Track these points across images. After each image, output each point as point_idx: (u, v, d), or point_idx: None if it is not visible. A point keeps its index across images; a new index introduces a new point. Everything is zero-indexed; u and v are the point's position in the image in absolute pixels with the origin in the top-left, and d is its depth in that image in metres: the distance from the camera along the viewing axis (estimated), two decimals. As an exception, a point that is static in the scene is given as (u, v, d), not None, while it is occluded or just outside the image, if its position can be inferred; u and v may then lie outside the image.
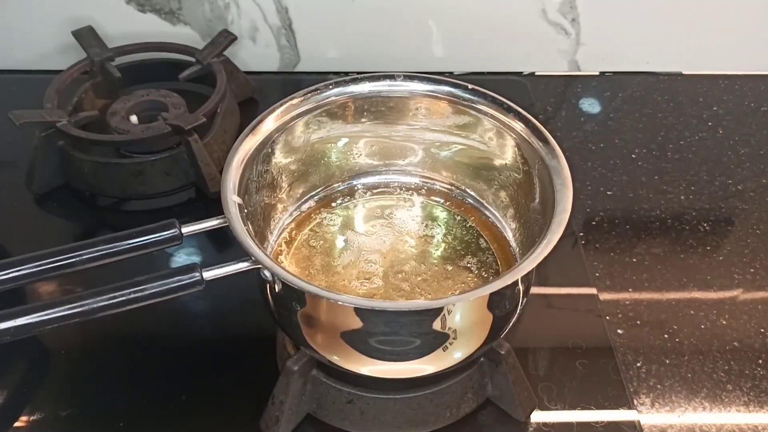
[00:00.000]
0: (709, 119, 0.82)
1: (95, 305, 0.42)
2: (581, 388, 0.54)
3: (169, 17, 0.83)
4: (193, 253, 0.65)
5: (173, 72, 0.77)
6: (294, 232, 0.60)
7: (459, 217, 0.61)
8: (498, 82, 0.83)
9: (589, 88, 0.87)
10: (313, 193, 0.62)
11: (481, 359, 0.51)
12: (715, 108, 0.83)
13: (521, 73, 0.88)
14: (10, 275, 0.44)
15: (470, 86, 0.56)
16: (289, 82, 0.88)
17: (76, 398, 0.54)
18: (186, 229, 0.48)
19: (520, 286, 0.49)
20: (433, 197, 0.62)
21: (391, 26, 0.84)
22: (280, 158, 0.57)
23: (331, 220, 0.60)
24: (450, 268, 0.57)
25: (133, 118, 0.73)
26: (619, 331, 0.59)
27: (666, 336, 0.59)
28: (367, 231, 0.59)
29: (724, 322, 0.60)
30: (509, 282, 0.43)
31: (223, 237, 0.62)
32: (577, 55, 0.87)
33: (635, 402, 0.54)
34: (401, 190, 0.63)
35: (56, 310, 0.41)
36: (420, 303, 0.50)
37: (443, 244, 0.59)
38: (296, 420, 0.51)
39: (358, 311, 0.43)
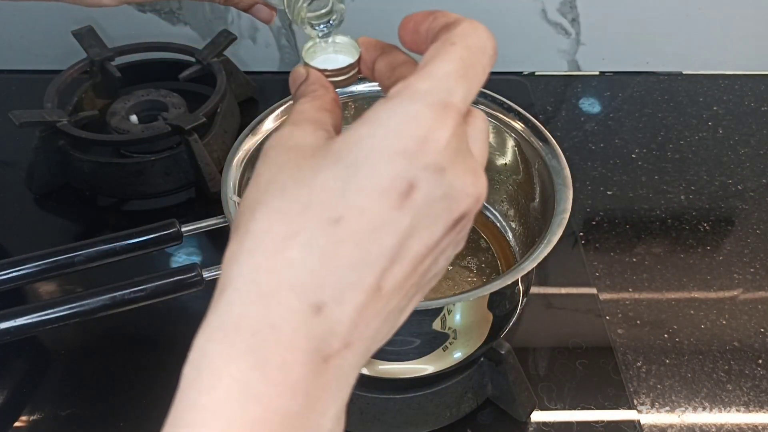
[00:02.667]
0: (709, 119, 0.82)
1: (95, 305, 0.42)
2: (581, 388, 0.54)
3: (169, 17, 0.83)
4: (193, 253, 0.65)
5: (173, 72, 0.77)
6: (294, 232, 0.60)
7: (459, 217, 0.61)
8: (498, 82, 0.83)
9: (589, 88, 0.87)
10: (313, 193, 0.62)
11: (481, 359, 0.51)
12: (715, 108, 0.83)
13: (521, 73, 0.88)
14: (10, 275, 0.45)
15: (470, 86, 0.56)
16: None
17: (76, 398, 0.54)
18: (186, 229, 0.48)
19: (520, 286, 0.49)
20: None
21: (391, 26, 0.83)
22: (280, 158, 0.57)
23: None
24: (450, 268, 0.57)
25: (133, 118, 0.73)
26: (619, 331, 0.59)
27: (666, 336, 0.59)
28: (367, 231, 0.59)
29: (724, 322, 0.60)
30: (509, 282, 0.43)
31: (223, 237, 0.62)
32: (577, 55, 0.87)
33: (635, 402, 0.54)
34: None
35: (56, 310, 0.41)
36: (420, 303, 0.50)
37: (443, 244, 0.59)
38: (296, 420, 0.51)
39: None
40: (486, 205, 0.61)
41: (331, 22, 0.33)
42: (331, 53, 0.32)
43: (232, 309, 0.22)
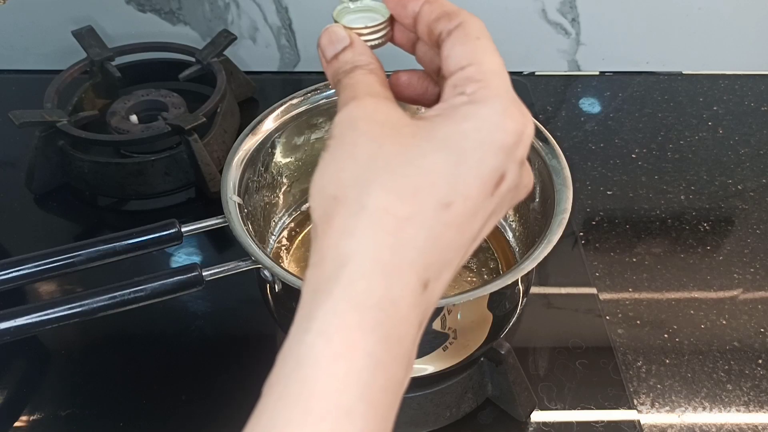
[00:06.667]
0: (709, 119, 0.82)
1: (95, 305, 0.42)
2: (581, 388, 0.54)
3: (169, 17, 0.83)
4: (193, 253, 0.65)
5: (173, 72, 0.77)
6: (294, 231, 0.60)
7: (459, 217, 0.61)
8: (498, 82, 0.83)
9: (589, 88, 0.87)
10: (313, 193, 0.62)
11: (481, 359, 0.51)
12: (715, 108, 0.83)
13: (521, 73, 0.88)
14: (10, 275, 0.45)
15: (470, 86, 0.56)
16: (289, 82, 0.88)
17: (76, 398, 0.54)
18: (186, 229, 0.48)
19: (520, 286, 0.49)
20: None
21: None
22: (280, 158, 0.57)
23: (331, 220, 0.60)
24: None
25: (133, 118, 0.73)
26: (619, 331, 0.59)
27: (666, 336, 0.59)
28: (367, 231, 0.59)
29: (724, 322, 0.60)
30: (509, 282, 0.43)
31: (223, 237, 0.62)
32: (577, 55, 0.87)
33: (635, 402, 0.54)
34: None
35: (56, 310, 0.41)
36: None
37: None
38: (296, 420, 0.51)
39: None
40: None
41: None
42: (361, 15, 0.32)
43: (357, 284, 0.23)
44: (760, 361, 0.57)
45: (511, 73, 0.27)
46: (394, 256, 0.23)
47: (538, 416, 0.52)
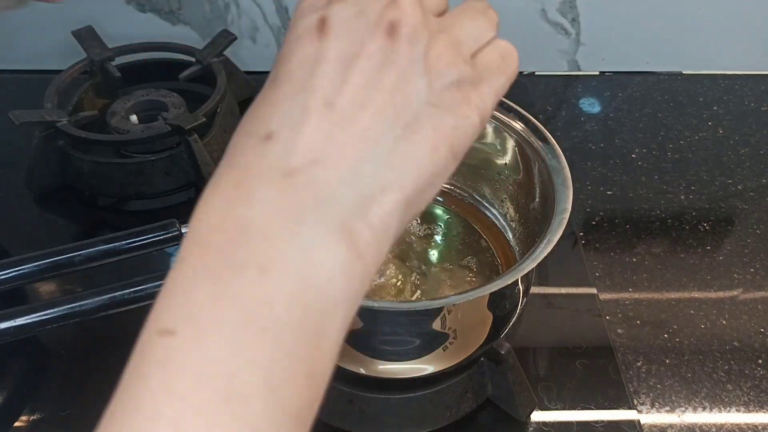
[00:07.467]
0: (709, 119, 0.82)
1: (95, 305, 0.42)
2: (581, 388, 0.54)
3: (169, 17, 0.83)
4: (193, 253, 0.65)
5: (173, 72, 0.77)
6: (294, 232, 0.60)
7: (459, 217, 0.61)
8: (498, 82, 0.83)
9: (589, 88, 0.87)
10: (313, 193, 0.62)
11: (481, 359, 0.51)
12: (715, 108, 0.83)
13: (521, 73, 0.88)
14: (10, 275, 0.45)
15: (470, 86, 0.56)
16: (289, 82, 0.88)
17: (76, 398, 0.54)
18: (186, 229, 0.48)
19: (520, 286, 0.49)
20: (433, 197, 0.62)
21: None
22: (280, 158, 0.57)
23: (331, 220, 0.60)
24: (450, 267, 0.57)
25: (133, 118, 0.73)
26: (619, 331, 0.59)
27: (666, 336, 0.59)
28: (367, 231, 0.59)
29: (724, 322, 0.60)
30: (509, 282, 0.43)
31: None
32: (577, 55, 0.87)
33: (635, 402, 0.54)
34: (401, 190, 0.63)
35: (56, 310, 0.41)
36: (420, 303, 0.50)
37: (443, 244, 0.59)
38: (296, 420, 0.51)
39: (358, 311, 0.43)
40: (486, 204, 0.61)
41: None
42: None
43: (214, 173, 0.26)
44: (760, 361, 0.57)
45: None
46: (234, 137, 0.26)
47: (538, 416, 0.52)
